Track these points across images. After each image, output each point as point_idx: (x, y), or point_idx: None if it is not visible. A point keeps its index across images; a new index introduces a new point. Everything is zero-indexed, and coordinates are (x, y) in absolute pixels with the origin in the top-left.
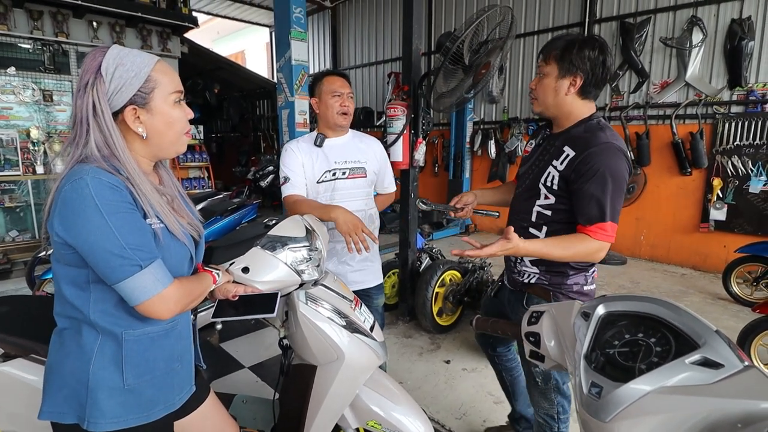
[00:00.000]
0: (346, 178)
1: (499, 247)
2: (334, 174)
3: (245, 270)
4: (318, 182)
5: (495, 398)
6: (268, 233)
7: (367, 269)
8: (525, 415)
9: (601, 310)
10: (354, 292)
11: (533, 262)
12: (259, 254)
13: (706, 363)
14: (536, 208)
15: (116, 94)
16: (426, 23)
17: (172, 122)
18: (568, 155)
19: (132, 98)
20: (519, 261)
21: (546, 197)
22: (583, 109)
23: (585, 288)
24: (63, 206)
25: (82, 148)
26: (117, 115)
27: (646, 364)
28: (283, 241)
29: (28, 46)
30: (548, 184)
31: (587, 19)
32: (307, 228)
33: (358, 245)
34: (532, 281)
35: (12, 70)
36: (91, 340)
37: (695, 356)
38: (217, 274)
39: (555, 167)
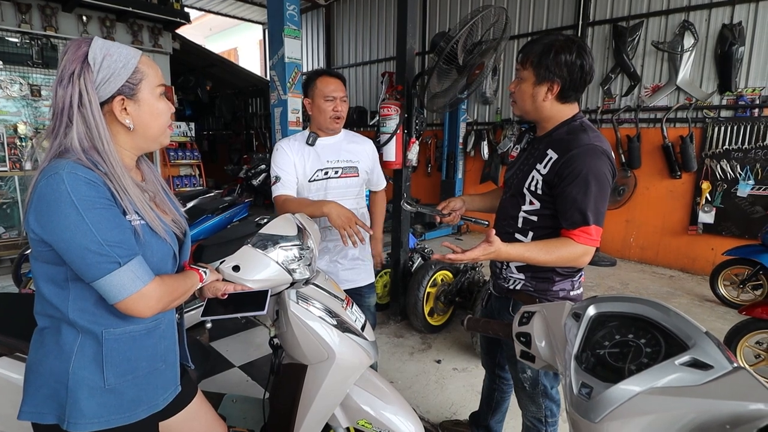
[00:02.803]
0: (339, 177)
1: (480, 252)
2: (326, 173)
3: (236, 268)
4: (310, 181)
5: None
6: (259, 231)
7: (358, 268)
8: (492, 428)
9: (591, 310)
10: (345, 291)
11: (519, 269)
12: (250, 253)
13: (696, 364)
14: (522, 214)
15: (104, 84)
16: (420, 23)
17: (158, 114)
18: (551, 158)
19: (120, 89)
20: (505, 267)
21: (531, 203)
22: (564, 111)
23: (572, 293)
24: (38, 202)
25: (62, 139)
26: (102, 106)
27: (636, 364)
28: (274, 240)
29: (15, 40)
30: (532, 188)
31: (580, 22)
32: (298, 226)
33: (353, 237)
34: (518, 287)
35: None
36: (71, 339)
37: (685, 357)
38: (204, 272)
39: (538, 171)
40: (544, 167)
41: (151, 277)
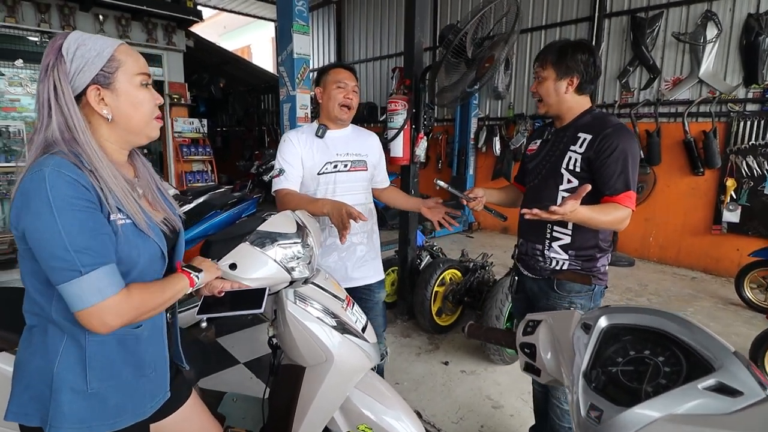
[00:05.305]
0: (348, 170)
1: (570, 206)
2: (335, 166)
3: (233, 266)
4: (319, 174)
5: (493, 402)
6: (257, 229)
7: (368, 265)
8: None
9: (603, 322)
10: (355, 288)
11: (563, 248)
12: (248, 250)
13: (722, 389)
14: (561, 193)
15: (78, 74)
16: (432, 18)
17: (138, 103)
18: (585, 139)
19: (95, 78)
20: (548, 248)
21: (569, 181)
22: (582, 102)
23: (606, 268)
24: (19, 198)
25: (44, 132)
26: (80, 97)
27: (653, 386)
28: (272, 237)
29: (35, 39)
30: (570, 167)
31: (596, 14)
32: (298, 224)
33: (348, 230)
34: (564, 267)
35: (20, 62)
36: (57, 339)
37: (709, 381)
38: (197, 276)
39: (575, 151)
40: (580, 147)
41: (115, 291)
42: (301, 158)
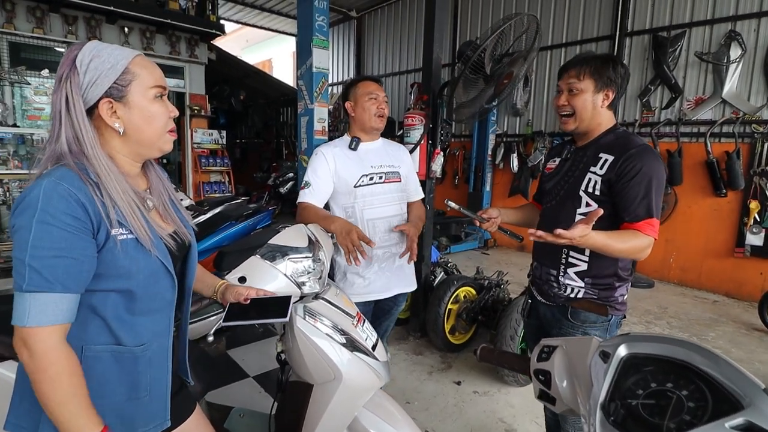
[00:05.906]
0: (384, 182)
1: (580, 231)
2: (371, 178)
3: (242, 280)
4: (356, 186)
5: (507, 426)
6: (269, 242)
7: (406, 274)
8: None
9: (623, 350)
10: (390, 298)
11: (579, 275)
12: (258, 264)
13: (752, 429)
14: (579, 217)
15: (91, 87)
16: (451, 34)
17: (150, 117)
18: (606, 160)
19: (107, 91)
20: (562, 274)
21: (588, 204)
22: (610, 119)
23: (625, 298)
24: (15, 203)
25: (54, 144)
26: (93, 110)
27: (675, 422)
28: (283, 251)
29: (62, 50)
30: (590, 190)
31: (618, 32)
32: (310, 238)
33: (355, 253)
34: (579, 296)
35: (45, 72)
36: None
37: (738, 419)
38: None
39: (595, 173)
40: (601, 168)
41: (43, 323)
42: (332, 174)
